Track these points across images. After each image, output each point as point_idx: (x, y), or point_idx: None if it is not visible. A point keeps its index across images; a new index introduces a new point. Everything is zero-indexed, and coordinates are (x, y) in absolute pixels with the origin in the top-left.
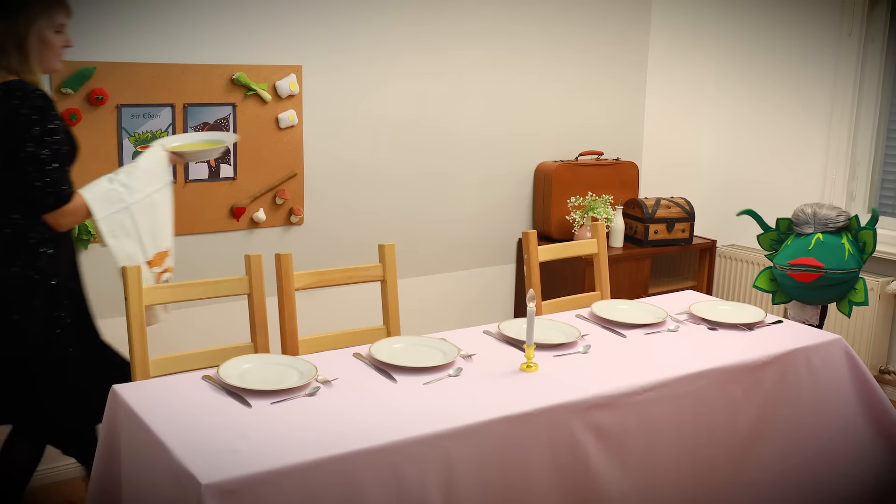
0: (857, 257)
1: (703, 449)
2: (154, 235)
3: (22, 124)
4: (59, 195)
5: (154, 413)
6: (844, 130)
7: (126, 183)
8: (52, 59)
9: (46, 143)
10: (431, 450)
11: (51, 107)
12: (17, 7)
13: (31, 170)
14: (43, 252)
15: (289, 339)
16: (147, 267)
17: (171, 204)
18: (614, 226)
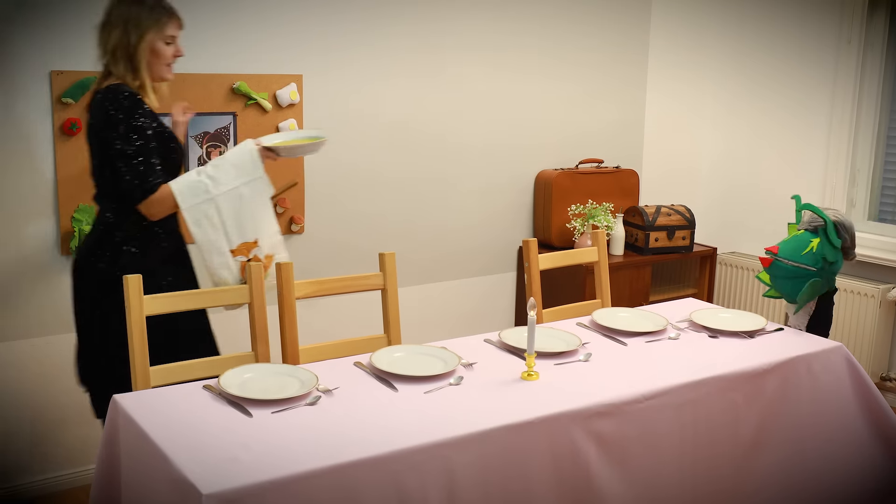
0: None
1: (705, 457)
2: (240, 226)
3: (111, 124)
4: (146, 186)
5: (154, 422)
6: (844, 137)
7: (212, 175)
8: (162, 68)
9: (132, 140)
10: (433, 459)
11: (137, 106)
12: (129, 18)
13: (121, 165)
14: (126, 250)
15: (289, 349)
16: (231, 255)
17: (265, 197)
18: (615, 234)
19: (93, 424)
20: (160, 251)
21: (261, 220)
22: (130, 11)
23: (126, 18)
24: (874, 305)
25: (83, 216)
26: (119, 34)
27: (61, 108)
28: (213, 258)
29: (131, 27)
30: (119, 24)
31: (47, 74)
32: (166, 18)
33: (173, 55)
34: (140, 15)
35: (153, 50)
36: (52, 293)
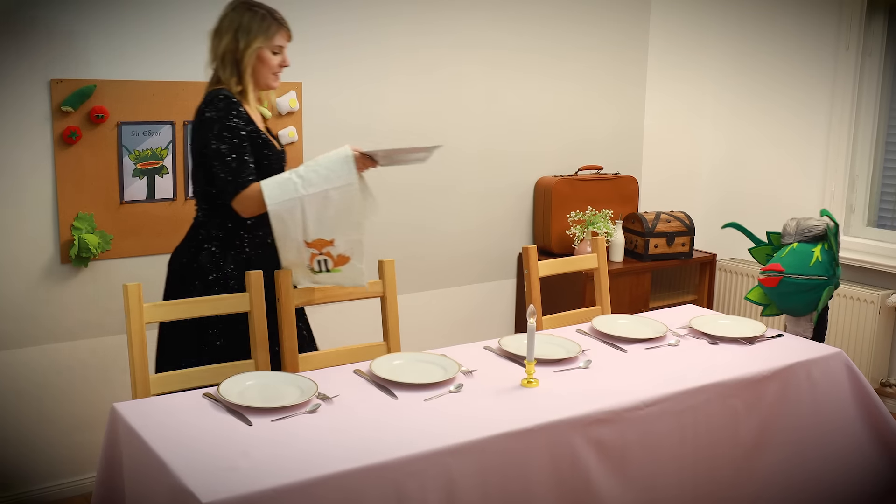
0: (825, 265)
1: (705, 463)
2: (321, 224)
3: (207, 126)
4: (239, 181)
5: (154, 431)
6: (843, 143)
7: (303, 175)
8: (268, 76)
9: (226, 139)
10: (433, 466)
11: (232, 108)
12: (239, 26)
13: (216, 163)
14: (207, 248)
15: (289, 356)
16: (304, 245)
17: (355, 203)
18: (614, 240)
19: (93, 432)
20: (240, 256)
21: (345, 224)
22: (242, 19)
23: (237, 26)
24: (873, 311)
25: (83, 224)
26: (229, 40)
27: (61, 117)
28: (289, 253)
29: (241, 34)
30: (230, 30)
31: (47, 83)
32: (276, 28)
33: (279, 65)
34: (251, 23)
35: (260, 57)
36: (51, 301)
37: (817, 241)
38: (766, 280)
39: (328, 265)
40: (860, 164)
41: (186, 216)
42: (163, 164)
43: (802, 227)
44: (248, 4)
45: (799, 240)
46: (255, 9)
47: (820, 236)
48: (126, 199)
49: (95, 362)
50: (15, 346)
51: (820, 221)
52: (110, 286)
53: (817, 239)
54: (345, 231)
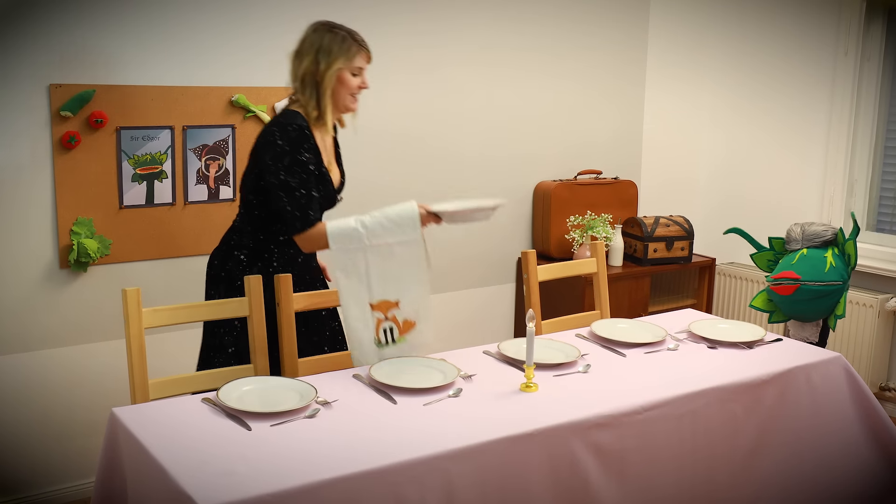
0: (840, 270)
1: (704, 467)
2: (385, 282)
3: (276, 155)
4: (306, 220)
5: (153, 436)
6: (842, 148)
7: (368, 225)
8: (346, 98)
9: (296, 173)
10: (432, 471)
11: (304, 140)
12: (320, 47)
13: (283, 195)
14: (237, 255)
15: (288, 361)
16: (370, 309)
17: (419, 260)
18: (613, 244)
19: (93, 437)
20: (267, 269)
21: (408, 281)
22: (323, 40)
23: (318, 47)
24: (873, 315)
25: (82, 229)
26: (309, 62)
27: (60, 122)
28: (350, 309)
29: (321, 55)
30: (310, 52)
31: (46, 87)
32: (356, 50)
33: (358, 86)
34: (331, 44)
35: (340, 79)
36: (51, 306)
37: (826, 247)
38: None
39: (394, 334)
40: (859, 169)
41: (186, 220)
42: (162, 169)
43: (809, 233)
44: (329, 26)
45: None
46: (335, 30)
47: (828, 241)
48: (125, 203)
49: (95, 367)
50: (14, 351)
51: (826, 227)
52: (109, 291)
53: (826, 244)
54: (409, 289)
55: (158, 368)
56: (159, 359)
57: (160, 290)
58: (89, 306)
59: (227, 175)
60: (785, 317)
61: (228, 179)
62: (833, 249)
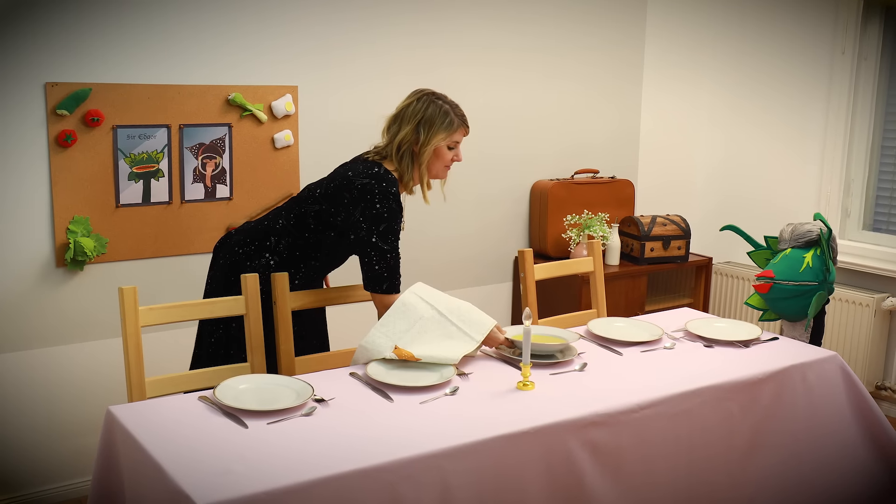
0: (816, 271)
1: (700, 466)
2: (414, 339)
3: (373, 217)
4: (392, 284)
5: (150, 434)
6: (839, 147)
7: (441, 311)
8: (440, 169)
9: (390, 240)
10: (428, 469)
11: (400, 210)
12: (424, 119)
13: (374, 255)
14: (267, 258)
15: (284, 359)
16: (390, 344)
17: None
18: (610, 244)
19: (89, 436)
20: (291, 281)
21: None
22: (427, 112)
23: (421, 118)
24: (869, 314)
25: (78, 228)
26: (409, 131)
27: (56, 120)
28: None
29: (423, 127)
30: (412, 121)
31: (42, 86)
32: (458, 125)
33: (452, 159)
34: (434, 117)
35: (437, 152)
36: (47, 305)
37: (810, 247)
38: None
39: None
40: (856, 168)
41: (182, 219)
42: (158, 168)
43: (797, 233)
44: (433, 97)
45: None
46: (439, 102)
47: (814, 241)
48: (122, 202)
49: (91, 365)
50: (10, 350)
51: (814, 226)
52: (106, 289)
53: (811, 244)
54: (428, 356)
55: (155, 367)
56: (156, 357)
57: (157, 288)
58: (86, 305)
59: (224, 174)
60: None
61: (225, 178)
62: (815, 250)
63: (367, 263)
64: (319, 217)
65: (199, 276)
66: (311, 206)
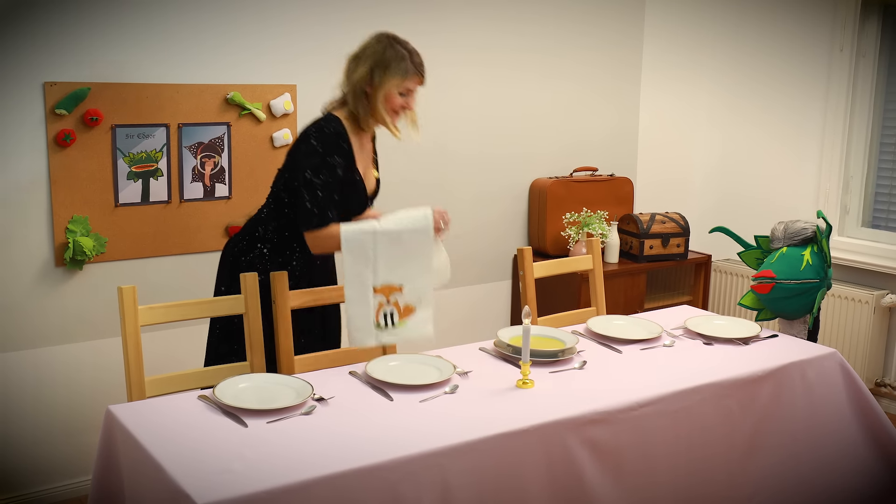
0: (817, 268)
1: (699, 464)
2: (391, 267)
3: (308, 153)
4: (323, 218)
5: (150, 433)
6: (837, 145)
7: (381, 221)
8: (389, 115)
9: (323, 174)
10: (428, 467)
11: (338, 145)
12: (379, 61)
13: (305, 192)
14: (259, 248)
15: (284, 358)
16: (372, 292)
17: (428, 251)
18: (609, 241)
19: (89, 435)
20: (287, 267)
21: (414, 269)
22: (384, 54)
23: (376, 60)
24: (868, 311)
25: (77, 227)
26: (365, 72)
27: (55, 120)
28: (352, 290)
29: (377, 69)
30: (368, 62)
31: (41, 86)
32: (412, 73)
33: (402, 106)
34: (390, 61)
35: (387, 96)
36: (47, 304)
37: (806, 244)
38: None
39: (394, 318)
40: (854, 165)
41: (181, 218)
42: (157, 167)
43: (791, 231)
44: (394, 40)
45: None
46: (397, 47)
47: (809, 239)
48: (121, 201)
49: (91, 365)
50: (10, 349)
51: (808, 224)
52: (105, 289)
53: (806, 242)
54: (414, 277)
55: (155, 366)
56: (155, 356)
57: (156, 287)
58: (85, 304)
59: (223, 173)
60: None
61: (224, 177)
62: (812, 247)
63: (300, 203)
64: (287, 187)
65: (199, 275)
66: (279, 182)
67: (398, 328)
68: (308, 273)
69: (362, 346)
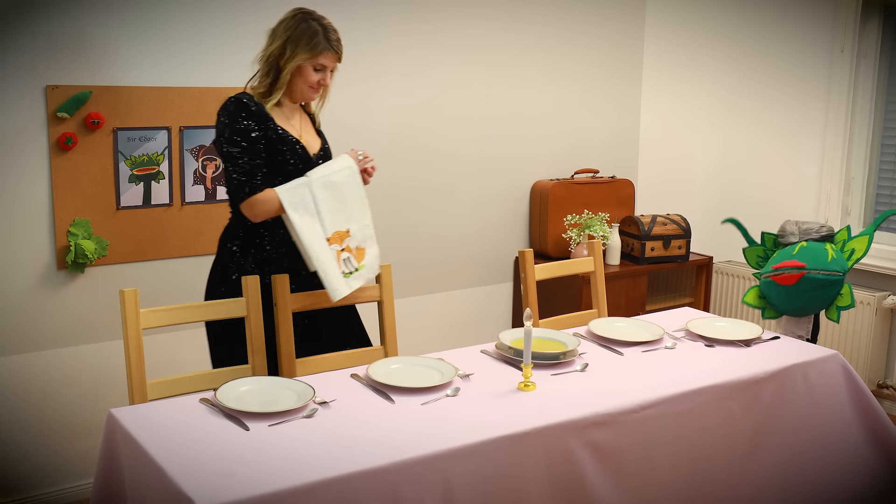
0: (841, 262)
1: (701, 466)
2: (334, 214)
3: (220, 128)
4: (252, 186)
5: (151, 436)
6: (839, 146)
7: (308, 173)
8: (305, 90)
9: (237, 142)
10: (430, 470)
11: (242, 110)
12: (291, 37)
13: (229, 165)
14: (229, 248)
15: (286, 361)
16: (327, 244)
17: (357, 187)
18: (611, 243)
19: (91, 438)
20: (261, 255)
21: (352, 208)
22: (296, 29)
23: (289, 35)
24: (870, 313)
25: (79, 230)
26: (278, 46)
27: (56, 123)
28: (312, 245)
29: (289, 44)
30: (282, 37)
31: (42, 89)
32: (323, 47)
33: (318, 82)
34: (301, 36)
35: (299, 70)
36: (48, 307)
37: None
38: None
39: (353, 263)
40: (855, 167)
41: (183, 221)
42: (159, 170)
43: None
44: (307, 16)
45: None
46: (311, 22)
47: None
48: (122, 204)
49: (92, 368)
50: (11, 353)
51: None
52: (107, 292)
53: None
54: (355, 217)
55: (156, 369)
56: (157, 359)
57: (158, 290)
58: (87, 307)
59: None
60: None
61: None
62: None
63: (227, 178)
64: (224, 173)
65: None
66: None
67: (361, 271)
68: (284, 254)
69: (340, 297)
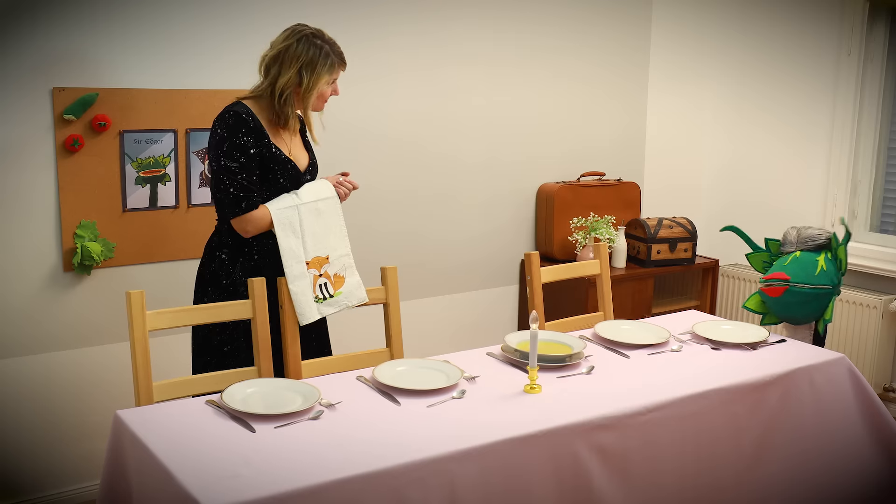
0: (831, 274)
1: (707, 469)
2: (316, 240)
3: (216, 140)
4: (249, 203)
5: (158, 438)
6: (845, 149)
7: (297, 193)
8: (318, 104)
9: (236, 157)
10: (435, 473)
11: (241, 125)
12: (305, 62)
13: (225, 178)
14: (218, 255)
15: (292, 363)
16: (305, 267)
17: (338, 217)
18: (617, 246)
19: (97, 440)
20: (249, 264)
21: (333, 237)
22: (308, 54)
23: (303, 62)
24: (876, 316)
25: (85, 232)
26: (292, 76)
27: (63, 125)
28: (292, 266)
29: (306, 71)
30: (293, 65)
31: (49, 91)
32: (338, 65)
33: (331, 94)
34: (315, 59)
35: (320, 93)
36: (55, 309)
37: (820, 251)
38: (769, 290)
39: (329, 289)
40: (862, 170)
41: (188, 223)
42: (165, 172)
43: (804, 236)
44: (312, 37)
45: (801, 248)
46: (318, 42)
47: (822, 245)
48: (129, 206)
49: (99, 370)
50: (19, 354)
51: (821, 231)
52: (113, 294)
53: (820, 248)
54: (335, 245)
55: (162, 371)
56: (163, 361)
57: (164, 292)
58: (93, 309)
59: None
60: (777, 319)
61: None
62: (826, 254)
63: (223, 190)
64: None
65: None
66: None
67: (336, 297)
68: (272, 263)
69: (308, 322)
